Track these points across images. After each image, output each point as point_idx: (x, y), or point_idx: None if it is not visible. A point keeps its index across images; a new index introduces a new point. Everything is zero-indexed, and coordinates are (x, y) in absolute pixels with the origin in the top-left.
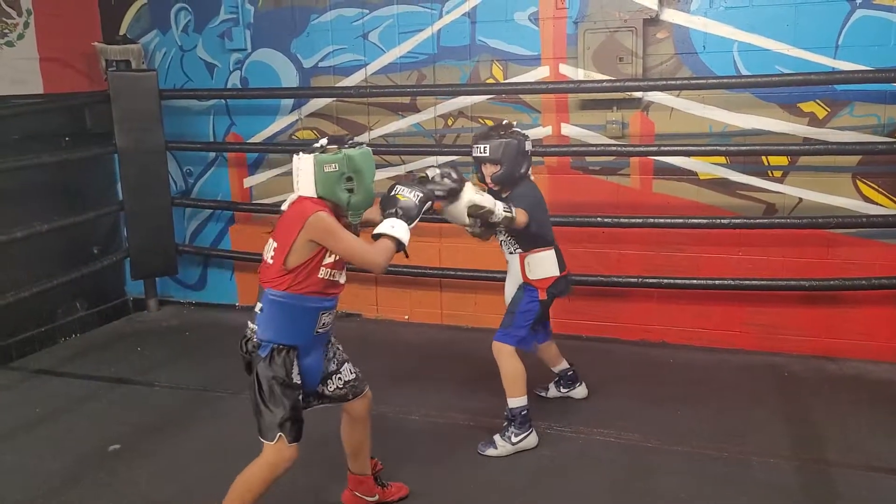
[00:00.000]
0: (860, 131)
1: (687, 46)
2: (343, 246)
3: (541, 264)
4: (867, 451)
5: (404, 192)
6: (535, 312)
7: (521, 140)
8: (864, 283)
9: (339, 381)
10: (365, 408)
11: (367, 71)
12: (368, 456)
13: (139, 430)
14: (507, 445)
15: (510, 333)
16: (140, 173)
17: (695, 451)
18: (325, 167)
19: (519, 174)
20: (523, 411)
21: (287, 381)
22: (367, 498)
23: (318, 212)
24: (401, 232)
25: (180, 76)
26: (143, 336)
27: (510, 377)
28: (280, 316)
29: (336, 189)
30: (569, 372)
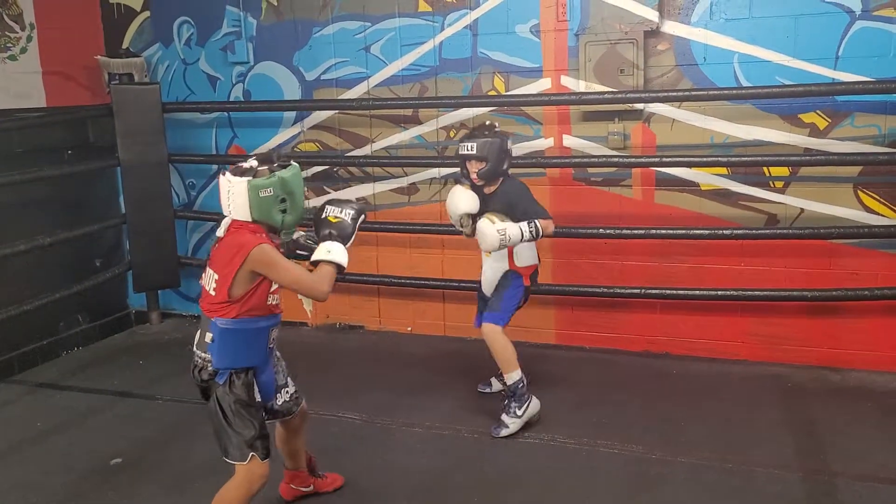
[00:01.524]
0: (861, 142)
1: (688, 58)
2: (287, 277)
3: (526, 253)
4: (872, 462)
5: (335, 213)
6: (519, 297)
7: (503, 139)
8: (867, 294)
9: (287, 395)
10: (300, 420)
11: (369, 83)
12: (304, 455)
13: (142, 444)
14: (515, 420)
15: (500, 316)
16: (143, 186)
17: (698, 462)
18: (261, 192)
19: (502, 170)
20: (520, 384)
21: (250, 401)
22: (303, 489)
23: (259, 245)
24: (338, 255)
25: (183, 89)
26: (146, 349)
27: (505, 354)
28: (234, 343)
29: (271, 212)
30: None
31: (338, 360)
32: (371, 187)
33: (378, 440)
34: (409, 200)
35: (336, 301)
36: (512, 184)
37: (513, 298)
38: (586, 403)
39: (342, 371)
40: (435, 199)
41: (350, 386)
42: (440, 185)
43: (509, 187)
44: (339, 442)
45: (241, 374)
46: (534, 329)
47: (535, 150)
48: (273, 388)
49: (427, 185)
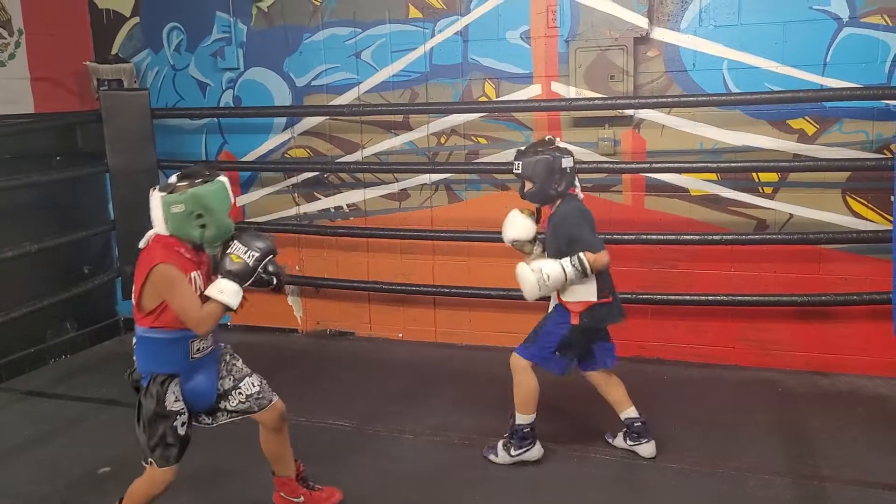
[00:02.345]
0: (849, 147)
1: (677, 64)
2: (177, 303)
3: (576, 287)
4: (862, 467)
5: (239, 253)
6: (560, 336)
7: (556, 157)
8: (856, 299)
9: (241, 396)
10: (275, 418)
11: (359, 89)
12: (290, 461)
13: (130, 453)
14: (505, 457)
15: (529, 350)
16: (132, 192)
17: (690, 467)
18: (172, 208)
19: (554, 191)
20: (525, 429)
21: (159, 410)
22: (293, 499)
23: (161, 264)
24: (228, 297)
25: (172, 95)
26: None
27: (521, 393)
28: (148, 350)
29: (186, 227)
30: (636, 423)
31: (328, 367)
32: (362, 193)
33: (369, 447)
34: (399, 206)
35: (326, 307)
36: (566, 207)
37: (551, 336)
38: (576, 409)
39: (332, 378)
40: (426, 205)
41: (340, 393)
42: (431, 191)
43: (563, 210)
44: (329, 449)
45: (158, 381)
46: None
47: None
48: (209, 395)
49: (418, 191)
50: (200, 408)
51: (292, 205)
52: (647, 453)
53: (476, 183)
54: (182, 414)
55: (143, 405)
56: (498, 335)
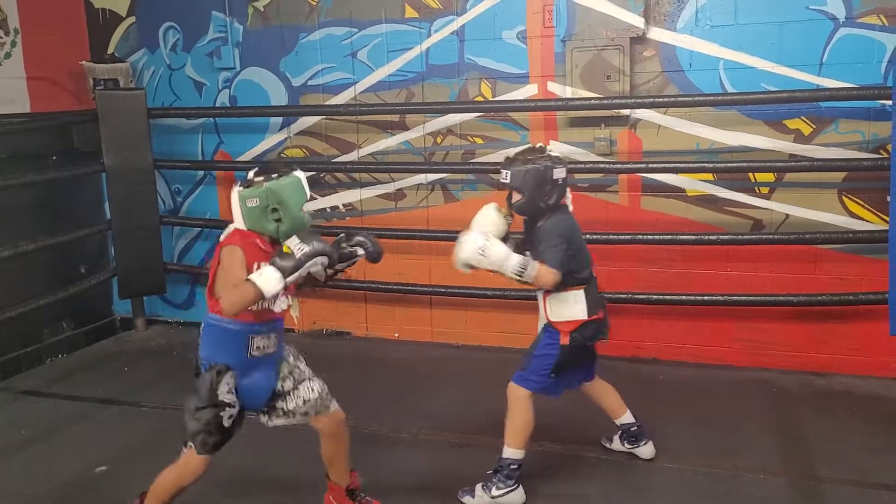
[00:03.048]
0: (845, 148)
1: (673, 64)
2: (223, 276)
3: (565, 305)
4: (858, 467)
5: (293, 245)
6: (553, 357)
7: (546, 167)
8: (852, 299)
9: (299, 400)
10: (332, 425)
11: (356, 89)
12: (344, 468)
13: (127, 452)
14: (484, 497)
15: (526, 378)
16: (128, 192)
17: (685, 467)
18: (248, 202)
19: (544, 204)
20: (512, 465)
21: (210, 398)
22: None
23: (228, 245)
24: (265, 282)
25: (169, 95)
26: (131, 356)
27: (514, 425)
28: (210, 337)
29: (262, 221)
30: (632, 427)
31: (324, 367)
32: (358, 193)
33: (365, 447)
34: (396, 206)
35: (323, 307)
36: (552, 221)
37: (544, 358)
38: (573, 410)
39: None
40: (422, 205)
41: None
42: (427, 191)
43: (548, 225)
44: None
45: (214, 370)
46: (520, 335)
47: None
48: (264, 394)
49: (414, 190)
50: (253, 405)
51: None
52: (647, 454)
53: (472, 183)
54: (232, 406)
55: (195, 390)
56: (494, 335)
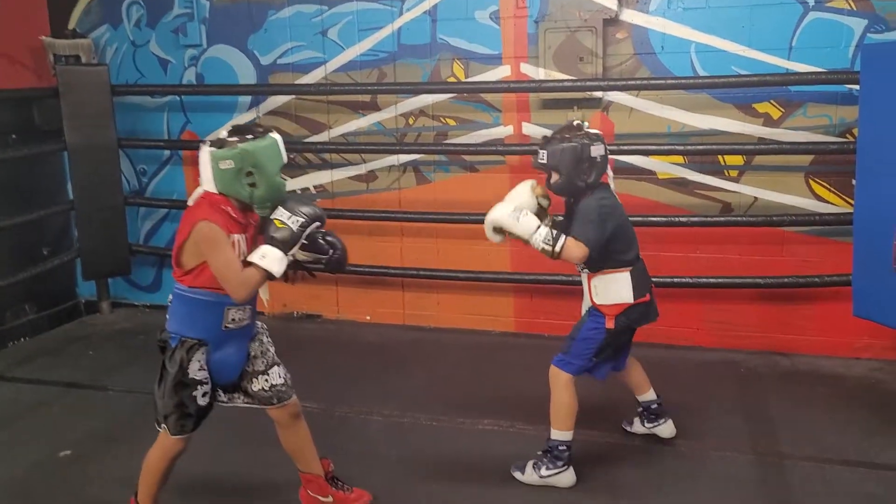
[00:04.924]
0: (813, 131)
1: (646, 47)
2: (216, 264)
3: (610, 288)
4: (819, 444)
5: (283, 218)
6: (597, 341)
7: (583, 144)
8: (817, 281)
9: (266, 383)
10: (285, 415)
11: (326, 68)
12: (313, 457)
13: (92, 436)
14: (533, 476)
15: (568, 361)
16: (91, 171)
17: (654, 445)
18: (221, 163)
19: (583, 183)
20: (561, 446)
21: (181, 377)
22: (321, 498)
23: (205, 220)
24: (271, 263)
25: (132, 72)
26: (96, 339)
27: (557, 408)
28: (182, 309)
29: (235, 185)
30: (652, 405)
31: (295, 350)
32: (329, 174)
33: (337, 429)
34: (367, 188)
35: (293, 289)
36: (591, 198)
37: (588, 341)
38: (545, 392)
39: (299, 361)
40: (394, 187)
41: (308, 376)
42: (399, 173)
43: (588, 199)
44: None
45: (185, 346)
46: (493, 317)
47: (494, 137)
48: (235, 370)
49: (386, 172)
50: (222, 381)
51: None
52: (667, 433)
53: (444, 164)
54: (205, 384)
55: (165, 368)
56: (466, 317)
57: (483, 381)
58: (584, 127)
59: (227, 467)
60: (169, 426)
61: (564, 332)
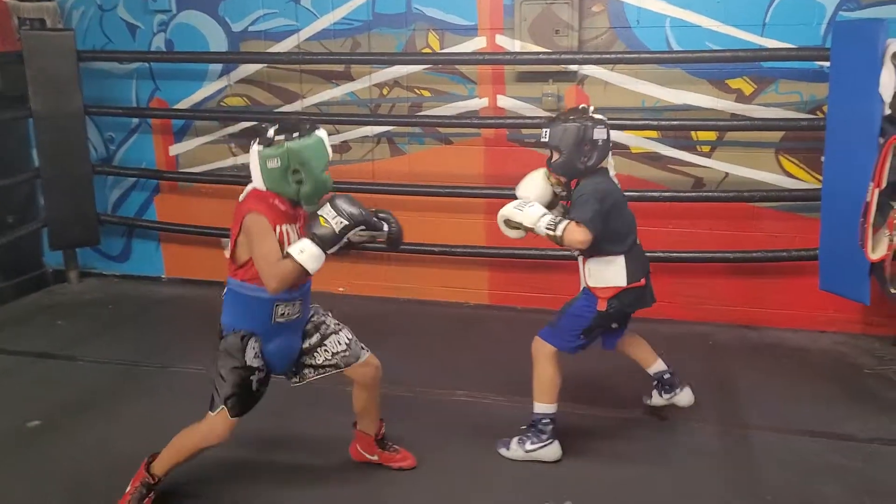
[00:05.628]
0: (784, 108)
1: (621, 20)
2: (258, 253)
3: (604, 272)
4: (784, 415)
5: (328, 216)
6: (587, 320)
7: (586, 126)
8: (784, 255)
9: (327, 353)
10: (366, 375)
11: (299, 37)
12: (375, 418)
13: (61, 407)
14: (519, 451)
15: (554, 335)
16: (57, 139)
17: (624, 416)
18: (268, 162)
19: (583, 165)
20: (544, 419)
21: (237, 363)
22: (368, 455)
23: (252, 212)
24: (308, 259)
25: (100, 37)
26: (64, 309)
27: (540, 381)
28: (234, 304)
29: (282, 183)
30: (665, 375)
31: None
32: None
33: (313, 401)
34: (341, 158)
35: None
36: (591, 180)
37: (576, 319)
38: (517, 363)
39: None
40: (367, 158)
41: None
42: (373, 144)
43: (583, 185)
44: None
45: (239, 335)
46: (467, 290)
47: (469, 109)
48: (288, 358)
49: (359, 143)
50: (280, 369)
51: (228, 155)
52: (686, 401)
53: (419, 136)
54: (260, 371)
55: (221, 356)
56: (440, 289)
57: (457, 352)
58: (590, 110)
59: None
60: (229, 407)
61: (538, 304)
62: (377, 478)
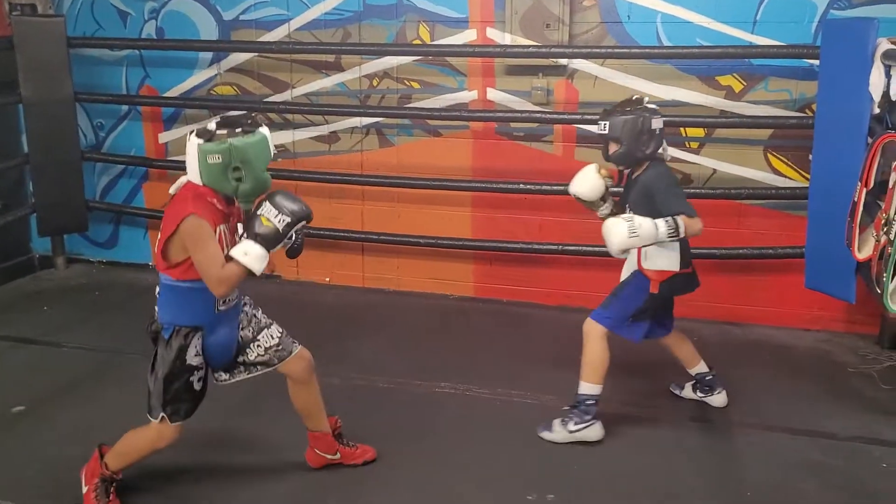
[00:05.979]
0: (773, 105)
1: (612, 15)
2: (199, 259)
3: (659, 255)
4: (766, 412)
5: (270, 215)
6: (639, 303)
7: (645, 117)
8: (771, 253)
9: (259, 349)
10: (300, 368)
11: (290, 26)
12: (323, 414)
13: (46, 392)
14: (562, 432)
15: (605, 315)
16: (47, 125)
17: (607, 411)
18: (209, 158)
19: (642, 154)
20: (589, 400)
21: (178, 365)
22: (328, 455)
23: (191, 215)
24: (252, 260)
25: (91, 24)
26: (51, 295)
27: (589, 360)
28: (174, 300)
29: (221, 180)
30: (707, 377)
31: None
32: (291, 134)
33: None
34: (329, 149)
35: None
36: (655, 170)
37: (629, 301)
38: (502, 355)
39: None
40: (356, 149)
41: None
42: (361, 135)
43: (651, 174)
44: (253, 395)
45: (182, 333)
46: (452, 282)
47: (458, 102)
48: (230, 349)
49: (348, 134)
50: (220, 362)
51: None
52: (719, 403)
53: (408, 128)
54: (200, 369)
55: (159, 357)
56: (425, 282)
57: (440, 344)
58: (644, 101)
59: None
60: (169, 414)
61: (522, 297)
62: (355, 471)
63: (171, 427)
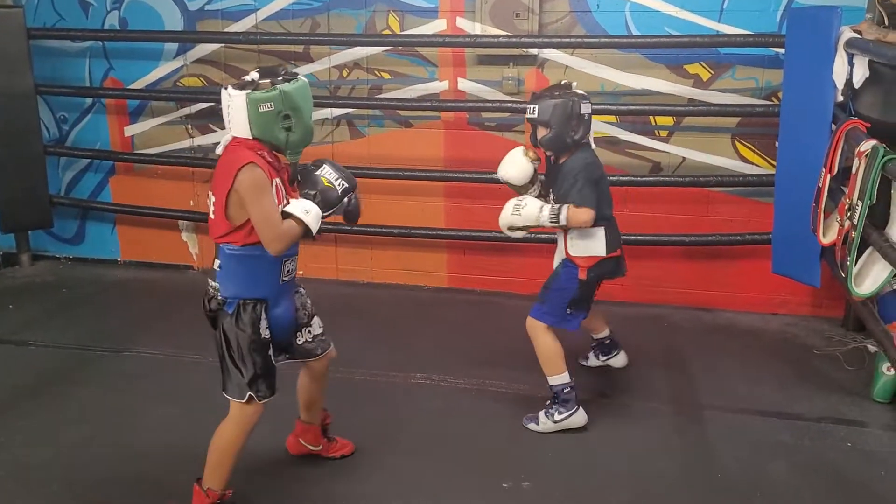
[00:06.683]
0: (740, 94)
1: (582, 5)
2: (259, 211)
3: (585, 241)
4: (735, 395)
5: (331, 177)
6: (571, 292)
7: (575, 101)
8: (738, 239)
9: (309, 335)
10: (323, 365)
11: (257, 16)
12: (319, 410)
13: (12, 392)
14: (548, 423)
15: (544, 312)
16: (7, 119)
17: (581, 397)
18: (260, 106)
19: (571, 139)
20: (565, 389)
21: (255, 337)
22: (311, 447)
23: (248, 164)
24: (313, 220)
25: (51, 15)
26: (16, 293)
27: (545, 355)
28: (240, 270)
29: (273, 129)
30: (605, 340)
31: None
32: None
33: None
34: None
35: None
36: (580, 156)
37: (562, 292)
38: (477, 345)
39: None
40: (326, 141)
41: None
42: (332, 126)
43: (572, 161)
44: None
45: (249, 306)
46: (426, 273)
47: (429, 92)
48: (289, 324)
49: (319, 125)
50: (280, 339)
51: (186, 137)
52: (620, 363)
53: (379, 119)
54: (272, 343)
55: (231, 336)
56: (399, 273)
57: (415, 335)
58: (573, 86)
59: None
60: (255, 391)
61: (496, 287)
62: (334, 464)
63: (258, 406)
